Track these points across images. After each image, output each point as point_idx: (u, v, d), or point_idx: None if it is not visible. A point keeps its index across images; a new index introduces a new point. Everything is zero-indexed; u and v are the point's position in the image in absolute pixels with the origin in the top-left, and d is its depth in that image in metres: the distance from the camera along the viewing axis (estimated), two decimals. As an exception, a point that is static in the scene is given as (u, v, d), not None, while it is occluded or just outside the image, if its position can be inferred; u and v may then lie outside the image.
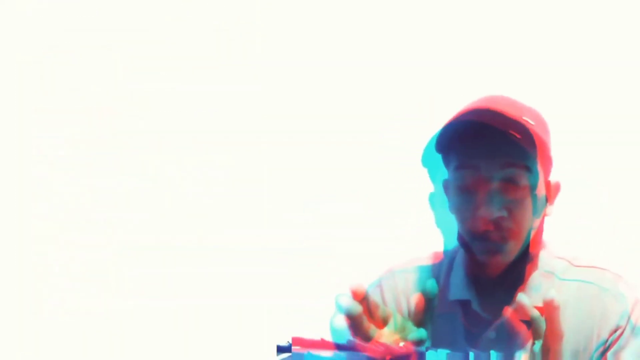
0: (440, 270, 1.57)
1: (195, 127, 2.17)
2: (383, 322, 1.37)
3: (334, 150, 2.15)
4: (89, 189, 2.17)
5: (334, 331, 1.35)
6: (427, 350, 1.40)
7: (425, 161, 1.53)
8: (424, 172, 1.98)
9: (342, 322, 1.33)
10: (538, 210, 1.47)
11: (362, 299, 1.30)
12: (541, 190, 1.48)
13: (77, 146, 2.17)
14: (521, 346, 1.48)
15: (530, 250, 1.49)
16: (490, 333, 1.50)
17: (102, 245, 2.16)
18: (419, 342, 1.35)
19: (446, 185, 1.51)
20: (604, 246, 1.83)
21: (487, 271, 1.48)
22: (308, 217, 2.12)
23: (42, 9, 2.17)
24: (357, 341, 1.46)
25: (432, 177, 1.56)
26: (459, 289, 1.53)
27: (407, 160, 2.08)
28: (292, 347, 1.34)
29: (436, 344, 1.51)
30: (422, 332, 1.34)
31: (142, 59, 2.18)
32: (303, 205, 2.13)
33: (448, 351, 1.40)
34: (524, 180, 1.44)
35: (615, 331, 1.44)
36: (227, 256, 2.13)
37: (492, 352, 1.41)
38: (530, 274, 1.50)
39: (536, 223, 1.48)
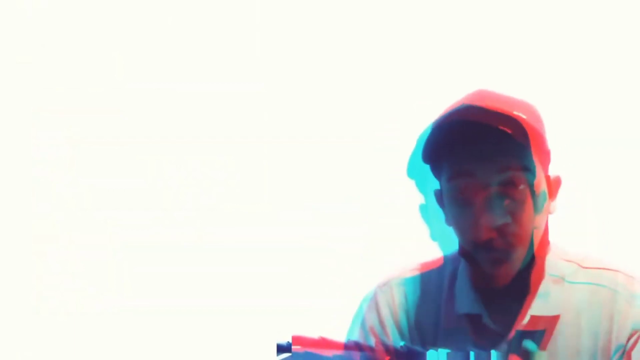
0: (442, 278, 1.51)
1: (195, 127, 2.17)
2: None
3: (333, 150, 2.15)
4: (89, 189, 2.17)
5: None
6: (427, 350, 1.39)
7: (411, 172, 1.47)
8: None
9: None
10: (539, 208, 1.38)
11: None
12: (541, 186, 1.38)
13: (77, 146, 2.17)
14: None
15: (537, 254, 1.41)
16: (502, 347, 1.44)
17: (102, 245, 2.16)
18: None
19: (439, 196, 1.43)
20: (605, 247, 1.83)
21: (494, 282, 1.41)
22: (308, 216, 2.11)
23: (42, 9, 2.17)
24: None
25: (421, 189, 1.49)
26: (467, 302, 1.46)
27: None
28: (292, 347, 1.34)
29: None
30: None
31: (141, 59, 2.18)
32: (303, 205, 2.12)
33: (448, 350, 1.39)
34: (524, 181, 1.35)
35: (632, 336, 1.40)
36: (227, 256, 2.13)
37: (492, 351, 1.40)
38: (538, 280, 1.43)
39: (539, 221, 1.39)
